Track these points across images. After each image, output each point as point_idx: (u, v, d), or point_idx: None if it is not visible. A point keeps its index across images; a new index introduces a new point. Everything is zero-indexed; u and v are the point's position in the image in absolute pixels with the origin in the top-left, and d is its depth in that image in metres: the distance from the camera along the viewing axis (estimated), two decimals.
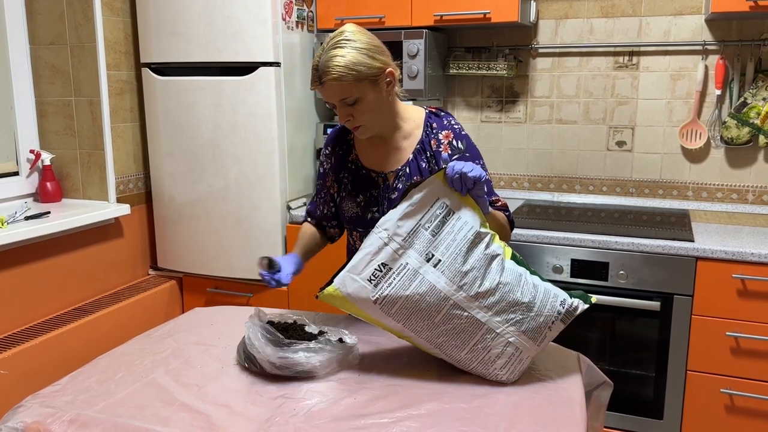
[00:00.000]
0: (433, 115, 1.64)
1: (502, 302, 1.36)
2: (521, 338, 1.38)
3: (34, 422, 1.27)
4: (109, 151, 2.63)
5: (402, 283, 1.34)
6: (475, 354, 1.39)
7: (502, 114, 2.95)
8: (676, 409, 2.29)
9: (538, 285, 1.41)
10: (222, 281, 2.79)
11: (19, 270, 2.30)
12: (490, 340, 1.37)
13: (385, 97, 1.53)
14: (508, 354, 1.38)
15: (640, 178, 2.78)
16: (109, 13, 2.61)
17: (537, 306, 1.38)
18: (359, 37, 1.47)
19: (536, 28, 2.83)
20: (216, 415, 1.28)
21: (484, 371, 1.41)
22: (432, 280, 1.34)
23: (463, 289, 1.35)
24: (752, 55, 2.53)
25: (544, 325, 1.39)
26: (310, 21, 2.76)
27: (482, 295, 1.35)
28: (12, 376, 2.09)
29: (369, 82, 1.47)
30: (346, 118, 1.52)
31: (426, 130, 1.62)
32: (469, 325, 1.36)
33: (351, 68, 1.43)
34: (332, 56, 1.44)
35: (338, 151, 1.70)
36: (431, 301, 1.34)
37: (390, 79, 1.52)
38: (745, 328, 2.16)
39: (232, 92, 2.56)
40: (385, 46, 1.54)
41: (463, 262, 1.35)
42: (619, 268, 2.28)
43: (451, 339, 1.38)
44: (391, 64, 1.53)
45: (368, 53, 1.46)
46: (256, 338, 1.42)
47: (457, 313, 1.35)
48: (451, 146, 1.61)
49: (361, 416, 1.27)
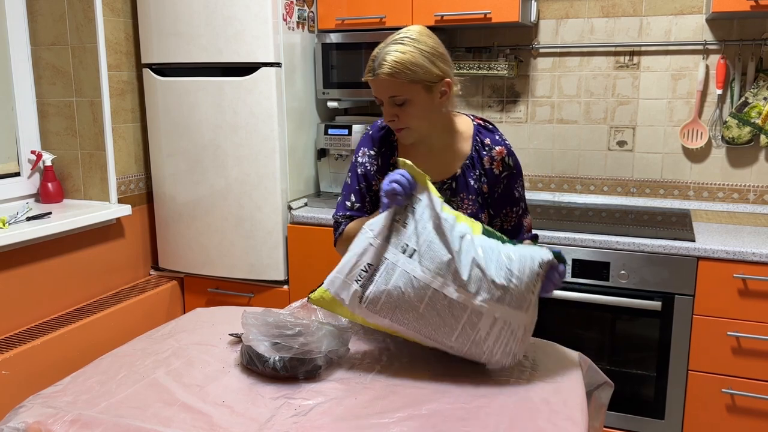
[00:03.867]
0: (482, 128, 1.58)
1: (479, 281, 1.35)
2: (506, 311, 1.35)
3: (36, 422, 1.27)
4: (110, 151, 2.64)
5: (384, 279, 1.37)
6: (465, 336, 1.37)
7: (502, 114, 2.95)
8: (677, 409, 2.29)
9: (512, 255, 1.38)
10: (223, 281, 2.79)
11: (20, 270, 2.30)
12: (476, 320, 1.36)
13: (437, 106, 1.48)
14: (497, 330, 1.36)
15: (641, 178, 2.78)
16: (109, 14, 2.62)
17: (515, 276, 1.36)
18: (425, 40, 1.44)
19: (537, 27, 2.83)
20: (217, 415, 1.28)
21: (478, 353, 1.39)
22: (409, 270, 1.35)
23: (440, 274, 1.35)
24: (753, 55, 2.53)
25: (527, 290, 1.37)
26: (311, 21, 2.76)
27: (459, 278, 1.34)
28: (13, 376, 2.09)
29: (423, 87, 1.43)
30: (390, 117, 1.48)
31: (476, 146, 1.56)
32: (453, 309, 1.36)
33: (408, 67, 1.40)
34: (392, 50, 1.41)
35: (384, 152, 1.62)
36: (412, 292, 1.36)
37: (446, 89, 1.47)
38: (746, 327, 2.16)
39: (232, 93, 2.56)
40: (450, 58, 1.49)
41: (436, 248, 1.36)
42: (620, 267, 2.28)
43: (438, 326, 1.38)
44: (451, 75, 1.48)
45: (429, 57, 1.42)
46: (252, 328, 1.44)
47: (439, 299, 1.35)
48: (503, 163, 1.56)
49: (362, 416, 1.27)
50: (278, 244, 2.64)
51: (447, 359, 1.52)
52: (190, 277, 2.85)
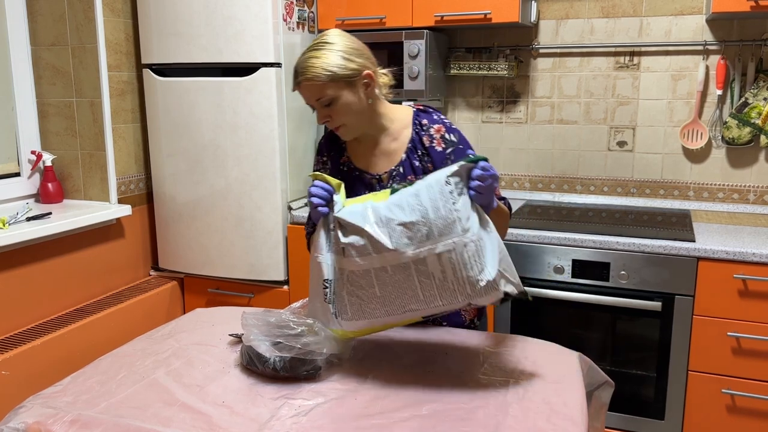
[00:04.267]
0: (421, 112, 1.65)
1: (399, 235, 1.34)
2: (443, 242, 1.33)
3: (36, 423, 1.27)
4: (110, 151, 2.64)
5: (338, 287, 1.41)
6: (428, 288, 1.35)
7: (502, 114, 2.95)
8: (677, 410, 2.29)
9: (419, 190, 1.36)
10: (223, 282, 2.79)
11: (20, 271, 2.30)
12: (423, 267, 1.34)
13: (364, 98, 1.55)
14: (448, 262, 1.32)
15: (641, 178, 2.78)
16: (110, 14, 2.62)
17: (429, 207, 1.33)
18: (337, 40, 1.52)
19: (537, 28, 2.83)
20: (217, 415, 1.28)
21: (454, 295, 1.35)
22: (349, 267, 1.38)
23: (369, 254, 1.36)
24: (753, 55, 2.53)
25: (448, 211, 1.33)
26: (311, 22, 2.76)
27: (383, 246, 1.34)
28: (13, 376, 2.09)
29: (345, 83, 1.51)
30: (324, 119, 1.56)
31: (415, 129, 1.62)
32: (399, 274, 1.35)
33: (325, 69, 1.48)
34: (308, 58, 1.50)
35: (333, 154, 1.71)
36: (362, 283, 1.37)
37: (368, 81, 1.54)
38: (746, 328, 2.16)
39: (232, 93, 2.56)
40: (369, 51, 1.57)
41: (357, 237, 1.37)
42: (620, 268, 2.28)
43: (401, 296, 1.37)
44: (370, 67, 1.55)
45: (344, 55, 1.50)
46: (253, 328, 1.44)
47: (383, 275, 1.36)
48: (444, 140, 1.61)
49: (362, 416, 1.27)
50: (278, 244, 2.64)
51: (447, 360, 1.52)
52: (190, 278, 2.85)
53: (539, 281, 2.39)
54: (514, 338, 1.65)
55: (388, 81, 1.62)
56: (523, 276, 2.40)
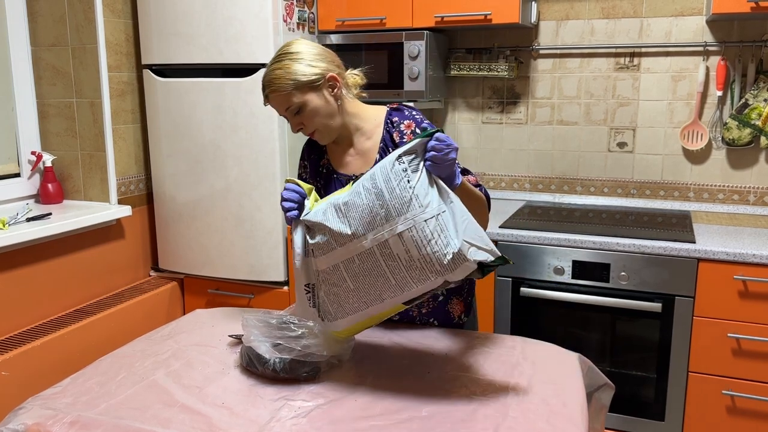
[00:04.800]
0: (394, 111, 1.66)
1: (357, 221, 1.33)
2: (401, 220, 1.30)
3: (35, 424, 1.27)
4: (111, 152, 2.64)
5: (317, 288, 1.43)
6: (397, 270, 1.32)
7: (503, 115, 2.95)
8: (677, 411, 2.29)
9: (375, 173, 1.35)
10: (223, 282, 2.79)
11: (20, 271, 2.30)
12: (388, 250, 1.32)
13: (332, 100, 1.57)
14: (410, 241, 1.30)
15: (642, 179, 2.78)
16: (110, 15, 2.62)
17: (384, 189, 1.32)
18: (299, 48, 1.55)
19: (537, 29, 2.83)
20: (217, 416, 1.28)
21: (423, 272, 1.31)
22: (320, 267, 1.39)
23: (332, 247, 1.36)
24: (753, 56, 2.53)
25: (403, 189, 1.31)
26: (311, 22, 2.76)
27: (345, 236, 1.34)
28: (13, 377, 2.09)
29: (309, 89, 1.53)
30: (297, 127, 1.58)
31: (386, 127, 1.63)
32: (366, 261, 1.34)
33: (288, 78, 1.51)
34: (272, 70, 1.54)
35: (313, 158, 1.73)
36: (332, 278, 1.38)
37: (333, 83, 1.56)
38: (746, 329, 2.16)
39: (233, 93, 2.56)
40: (333, 54, 1.60)
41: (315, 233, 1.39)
42: (620, 269, 2.28)
43: (375, 284, 1.35)
44: (334, 69, 1.57)
45: (305, 62, 1.52)
46: (253, 329, 1.44)
47: (352, 265, 1.36)
48: (415, 135, 1.60)
49: (361, 418, 1.27)
50: (278, 244, 2.63)
51: (446, 361, 1.52)
52: (190, 278, 2.85)
53: (539, 282, 2.39)
54: (514, 339, 1.65)
55: (358, 81, 1.64)
56: (523, 277, 2.41)
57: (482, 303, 2.46)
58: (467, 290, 1.75)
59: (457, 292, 1.71)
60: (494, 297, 2.46)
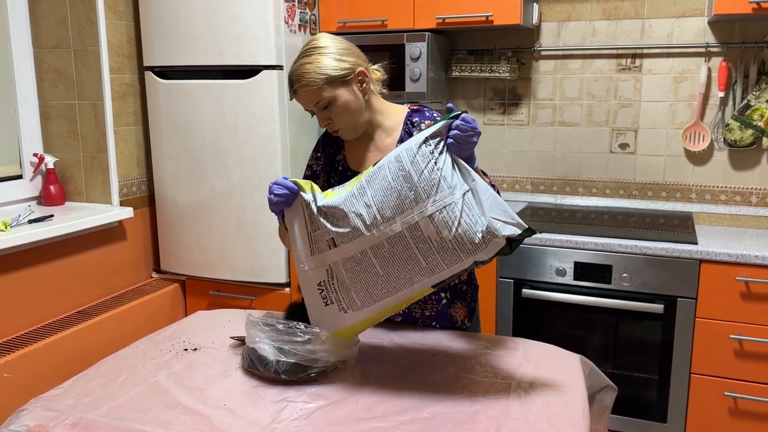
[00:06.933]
0: (414, 111, 1.66)
1: (388, 206, 1.33)
2: (432, 202, 1.31)
3: (37, 425, 1.27)
4: (112, 154, 2.64)
5: (339, 283, 1.40)
6: (428, 251, 1.33)
7: (504, 116, 2.95)
8: (679, 413, 2.28)
9: (401, 155, 1.35)
10: (225, 284, 2.79)
11: (22, 273, 2.31)
12: (418, 232, 1.32)
13: (360, 96, 1.56)
14: (442, 222, 1.31)
15: (643, 181, 2.78)
16: (112, 17, 2.62)
17: (412, 171, 1.32)
18: (327, 43, 1.53)
19: (539, 30, 2.83)
20: (218, 418, 1.28)
21: (456, 253, 1.32)
22: (344, 255, 1.37)
23: (361, 232, 1.34)
24: (755, 57, 2.52)
25: (430, 170, 1.32)
26: (313, 24, 2.77)
27: (374, 220, 1.34)
28: (15, 379, 2.09)
29: (340, 84, 1.52)
30: (325, 122, 1.57)
31: (406, 127, 1.63)
32: (396, 245, 1.34)
33: (319, 72, 1.50)
34: (301, 64, 1.52)
35: (329, 151, 1.72)
36: (362, 266, 1.36)
37: (362, 78, 1.56)
38: (748, 330, 2.15)
39: (234, 95, 2.56)
40: (358, 49, 1.59)
41: (342, 220, 1.37)
42: (622, 270, 2.28)
43: (406, 268, 1.35)
44: (362, 64, 1.57)
45: (335, 56, 1.52)
46: (257, 331, 1.44)
47: (381, 250, 1.35)
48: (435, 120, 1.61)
49: (363, 419, 1.27)
50: (279, 246, 2.63)
51: (448, 363, 1.52)
52: (192, 280, 2.85)
53: (541, 283, 2.39)
54: (516, 341, 1.65)
55: (380, 76, 1.64)
56: (525, 278, 2.40)
57: (484, 304, 2.46)
58: (471, 295, 1.74)
59: (461, 297, 1.71)
60: (496, 298, 2.46)
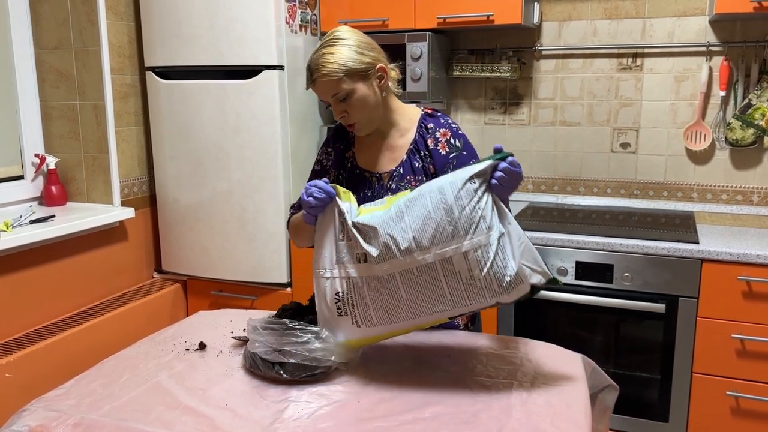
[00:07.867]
0: (428, 116, 1.65)
1: (426, 234, 1.33)
2: (468, 240, 1.32)
3: (39, 426, 1.27)
4: (114, 154, 2.64)
5: (359, 297, 1.39)
6: (457, 288, 1.34)
7: (505, 116, 2.95)
8: (681, 412, 2.28)
9: (444, 186, 1.35)
10: (226, 284, 2.79)
11: (24, 273, 2.31)
12: (450, 266, 1.33)
13: (378, 92, 1.56)
14: (474, 260, 1.32)
15: (645, 180, 2.78)
16: (113, 17, 2.62)
17: (454, 205, 1.33)
18: (349, 36, 1.53)
19: (539, 29, 2.83)
20: (220, 418, 1.28)
21: (479, 296, 1.34)
22: (371, 273, 1.37)
23: (393, 257, 1.35)
24: (756, 56, 2.52)
25: (472, 208, 1.33)
26: (314, 24, 2.77)
27: (408, 248, 1.34)
28: (17, 379, 2.09)
29: (359, 77, 1.51)
30: (341, 115, 1.56)
31: (420, 131, 1.63)
32: (425, 274, 1.34)
33: (340, 63, 1.49)
34: (322, 54, 1.51)
35: (339, 147, 1.71)
36: (386, 288, 1.36)
37: (381, 74, 1.55)
38: (750, 330, 2.15)
39: (235, 95, 2.56)
40: (378, 45, 1.58)
41: (371, 239, 1.37)
42: (623, 270, 2.27)
43: (429, 297, 1.35)
44: (383, 60, 1.57)
45: (357, 49, 1.51)
46: (258, 331, 1.44)
47: (409, 276, 1.35)
48: (449, 144, 1.61)
49: (365, 420, 1.27)
50: (281, 246, 2.64)
51: (450, 363, 1.52)
52: (193, 280, 2.85)
53: None
54: (517, 340, 1.65)
55: (396, 75, 1.64)
56: None
57: None
58: None
59: None
60: None
